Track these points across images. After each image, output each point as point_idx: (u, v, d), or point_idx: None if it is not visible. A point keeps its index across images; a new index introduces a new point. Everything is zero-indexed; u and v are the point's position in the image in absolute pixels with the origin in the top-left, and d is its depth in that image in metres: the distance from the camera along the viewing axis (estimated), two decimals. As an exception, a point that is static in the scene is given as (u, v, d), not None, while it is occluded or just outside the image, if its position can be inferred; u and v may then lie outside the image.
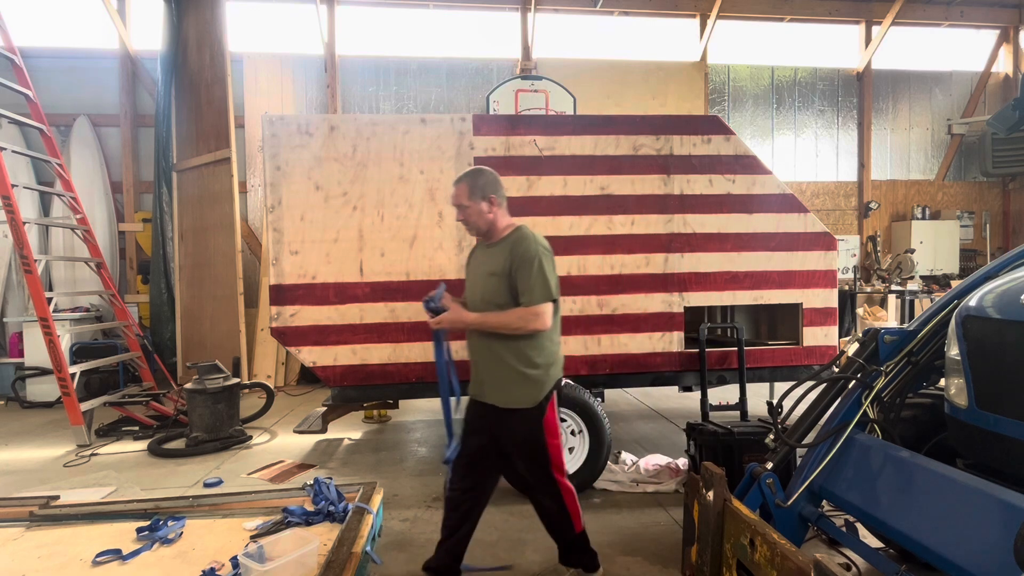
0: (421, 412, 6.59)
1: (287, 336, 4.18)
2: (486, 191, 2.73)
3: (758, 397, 5.79)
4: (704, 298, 4.45)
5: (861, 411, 2.64)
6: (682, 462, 4.33)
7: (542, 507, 2.81)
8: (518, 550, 3.26)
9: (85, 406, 5.48)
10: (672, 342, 4.41)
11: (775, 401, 2.75)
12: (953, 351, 2.40)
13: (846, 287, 9.41)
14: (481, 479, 2.82)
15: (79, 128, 8.88)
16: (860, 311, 9.10)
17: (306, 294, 4.16)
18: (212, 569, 2.87)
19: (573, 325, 4.30)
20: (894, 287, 9.40)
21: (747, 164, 4.45)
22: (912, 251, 10.02)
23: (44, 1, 9.25)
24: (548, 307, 2.59)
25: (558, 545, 2.85)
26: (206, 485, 4.31)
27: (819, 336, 4.56)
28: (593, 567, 2.84)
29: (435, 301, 2.75)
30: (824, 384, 2.84)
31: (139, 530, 3.30)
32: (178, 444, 5.32)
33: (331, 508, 3.40)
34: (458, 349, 2.99)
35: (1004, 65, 11.27)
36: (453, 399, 2.89)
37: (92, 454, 5.17)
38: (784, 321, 4.90)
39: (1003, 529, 1.80)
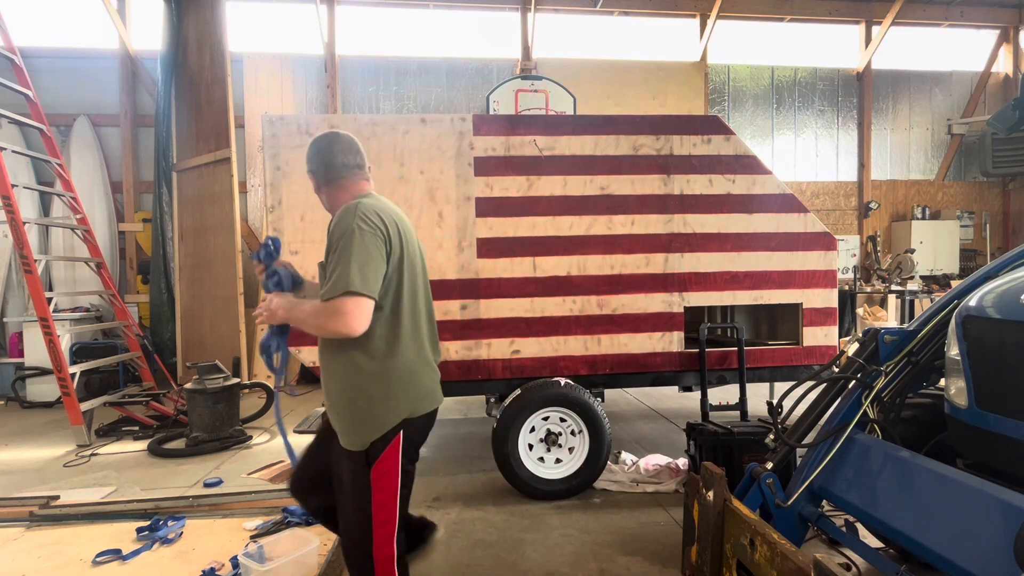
0: (421, 412, 6.58)
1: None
2: (311, 165, 2.25)
3: (758, 397, 5.79)
4: (704, 298, 4.45)
5: (861, 411, 2.64)
6: (682, 462, 4.33)
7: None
8: (518, 550, 3.26)
9: (85, 406, 5.48)
10: (672, 342, 4.41)
11: (775, 401, 2.75)
12: (953, 351, 2.40)
13: (846, 287, 9.41)
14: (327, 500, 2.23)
15: (79, 128, 8.87)
16: (860, 311, 9.09)
17: (306, 294, 4.16)
18: (212, 569, 2.88)
19: (573, 325, 4.30)
20: (894, 287, 9.40)
21: (747, 164, 4.45)
22: (912, 251, 10.02)
23: (44, 1, 9.25)
24: (354, 303, 1.88)
25: None
26: (206, 485, 4.30)
27: (819, 336, 4.56)
28: None
29: (275, 252, 2.31)
30: (824, 384, 2.84)
31: (139, 530, 3.31)
32: (178, 444, 5.32)
33: (331, 508, 3.40)
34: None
35: (1004, 65, 11.27)
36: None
37: (92, 454, 5.17)
38: (784, 321, 4.89)
39: (1003, 529, 1.80)
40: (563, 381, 4.07)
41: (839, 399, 2.78)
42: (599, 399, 4.19)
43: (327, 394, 2.10)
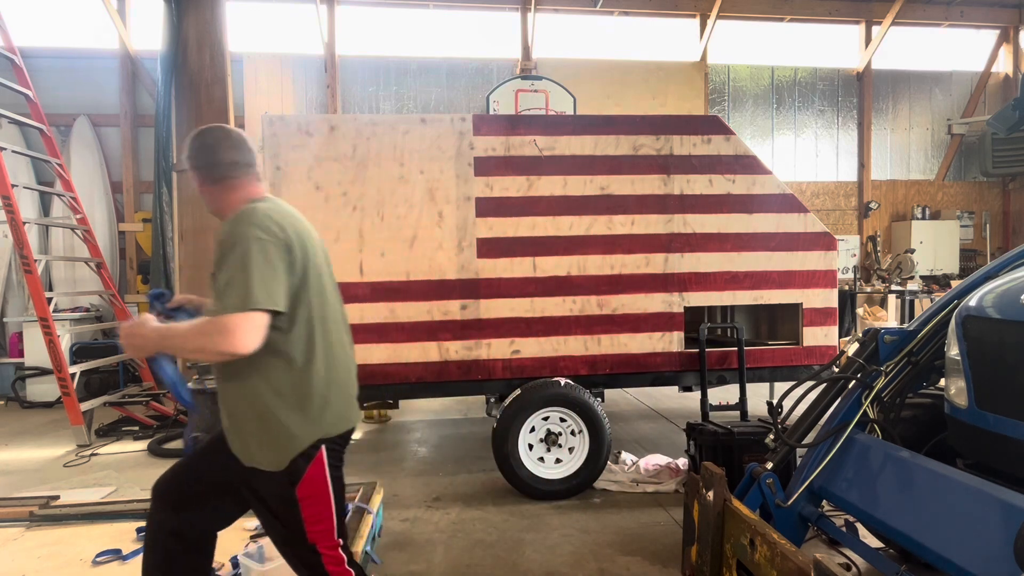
0: (421, 412, 6.59)
1: (287, 336, 4.17)
2: (195, 160, 1.98)
3: (758, 397, 5.78)
4: (704, 298, 4.45)
5: (861, 411, 2.64)
6: (682, 462, 4.33)
7: None
8: (518, 550, 3.26)
9: (85, 406, 5.48)
10: (672, 342, 4.41)
11: (775, 401, 2.75)
12: (953, 351, 2.40)
13: (846, 287, 9.41)
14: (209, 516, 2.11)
15: (79, 128, 8.87)
16: (860, 311, 9.09)
17: (306, 294, 4.15)
18: (212, 569, 2.87)
19: (573, 325, 4.30)
20: (894, 287, 9.40)
21: (747, 164, 4.45)
22: (912, 251, 10.02)
23: (44, 1, 9.25)
24: (247, 319, 1.69)
25: None
26: (206, 485, 4.30)
27: (819, 336, 4.56)
28: None
29: (165, 300, 2.16)
30: (824, 384, 2.84)
31: (139, 530, 3.30)
32: (178, 444, 5.32)
33: (331, 508, 3.39)
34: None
35: (1004, 65, 11.27)
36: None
37: (92, 454, 5.17)
38: (784, 321, 4.89)
39: (1003, 529, 1.80)
40: (563, 381, 4.07)
41: (839, 399, 2.78)
42: (599, 399, 4.19)
43: (229, 415, 1.92)
